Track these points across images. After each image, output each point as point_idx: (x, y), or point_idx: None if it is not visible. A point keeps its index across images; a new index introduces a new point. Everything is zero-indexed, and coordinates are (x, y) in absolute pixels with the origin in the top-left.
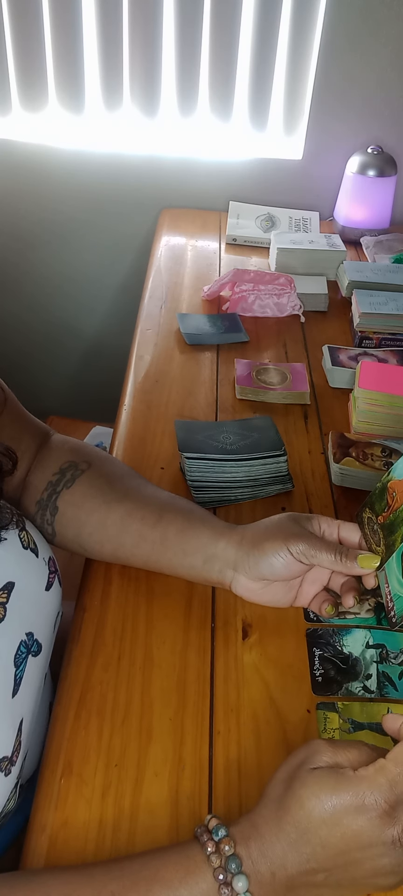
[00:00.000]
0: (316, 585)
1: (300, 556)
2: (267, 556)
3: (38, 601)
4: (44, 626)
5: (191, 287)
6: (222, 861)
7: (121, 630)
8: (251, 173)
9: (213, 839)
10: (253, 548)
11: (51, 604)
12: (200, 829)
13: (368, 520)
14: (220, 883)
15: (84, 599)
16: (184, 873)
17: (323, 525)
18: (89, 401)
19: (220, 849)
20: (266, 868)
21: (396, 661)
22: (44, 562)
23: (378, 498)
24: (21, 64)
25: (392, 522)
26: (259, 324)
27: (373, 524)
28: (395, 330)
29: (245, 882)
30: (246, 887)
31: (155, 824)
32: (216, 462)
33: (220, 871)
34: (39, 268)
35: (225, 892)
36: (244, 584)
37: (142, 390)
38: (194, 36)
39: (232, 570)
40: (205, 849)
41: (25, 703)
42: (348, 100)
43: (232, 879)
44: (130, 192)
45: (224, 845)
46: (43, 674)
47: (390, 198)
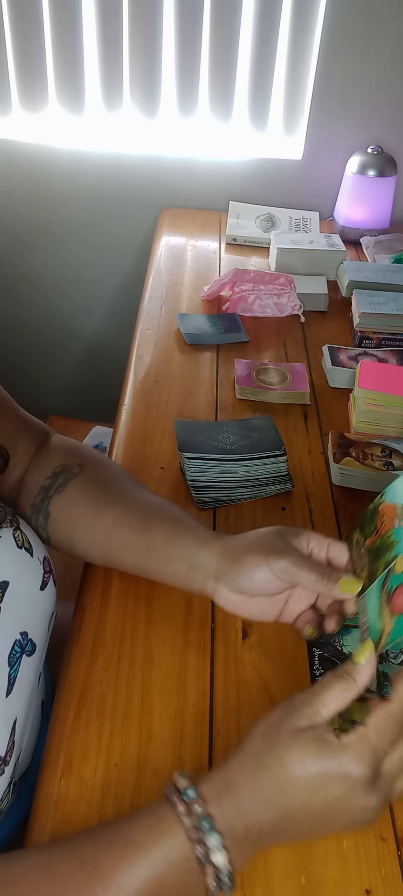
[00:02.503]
0: (302, 603)
1: (280, 574)
2: (246, 569)
3: (33, 601)
4: (38, 625)
5: (191, 287)
6: (194, 821)
7: (121, 630)
8: (251, 173)
9: (183, 800)
10: (235, 560)
11: (45, 603)
12: (169, 790)
13: (357, 542)
14: (193, 841)
15: (84, 599)
16: (155, 834)
17: (312, 542)
18: (89, 401)
19: (191, 809)
20: (240, 824)
21: (396, 662)
22: (38, 561)
23: (368, 520)
24: (21, 64)
25: (378, 548)
26: (259, 324)
27: (361, 547)
28: (395, 330)
29: (218, 838)
30: (220, 843)
31: None
32: (216, 462)
33: (193, 830)
34: (39, 268)
35: (200, 850)
36: (225, 595)
37: (142, 390)
38: (194, 36)
39: (213, 581)
40: (176, 808)
41: (19, 702)
42: (348, 100)
43: (206, 837)
44: (130, 192)
45: (194, 805)
46: (37, 674)
47: (390, 198)
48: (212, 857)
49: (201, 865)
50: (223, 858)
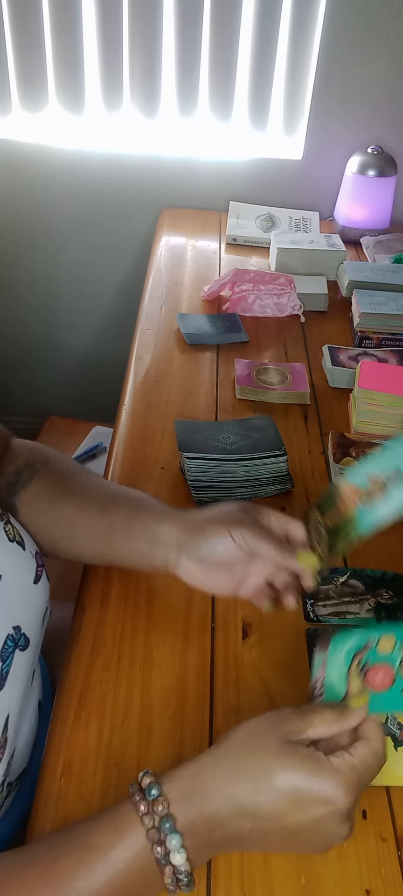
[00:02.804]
0: (259, 578)
1: (241, 543)
2: (208, 539)
3: (26, 594)
4: (32, 620)
5: (191, 287)
6: (155, 821)
7: (121, 630)
8: (251, 173)
9: (146, 799)
10: (197, 530)
11: (39, 598)
12: (133, 789)
13: (316, 521)
14: (153, 842)
15: (84, 599)
16: (115, 837)
17: (272, 519)
18: (89, 401)
19: (154, 809)
20: (202, 823)
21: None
22: (31, 555)
23: (328, 501)
24: (21, 64)
25: (338, 526)
26: (259, 324)
27: (319, 526)
28: (395, 330)
29: (178, 839)
30: (179, 843)
31: None
32: (216, 462)
33: (153, 831)
34: (39, 268)
35: (159, 850)
36: (186, 566)
37: (142, 390)
38: (194, 36)
39: (175, 553)
40: (138, 809)
41: (12, 698)
42: (348, 100)
43: (166, 838)
44: (130, 192)
45: (157, 805)
46: (31, 669)
47: (390, 198)
48: (172, 857)
49: (159, 866)
50: (182, 858)
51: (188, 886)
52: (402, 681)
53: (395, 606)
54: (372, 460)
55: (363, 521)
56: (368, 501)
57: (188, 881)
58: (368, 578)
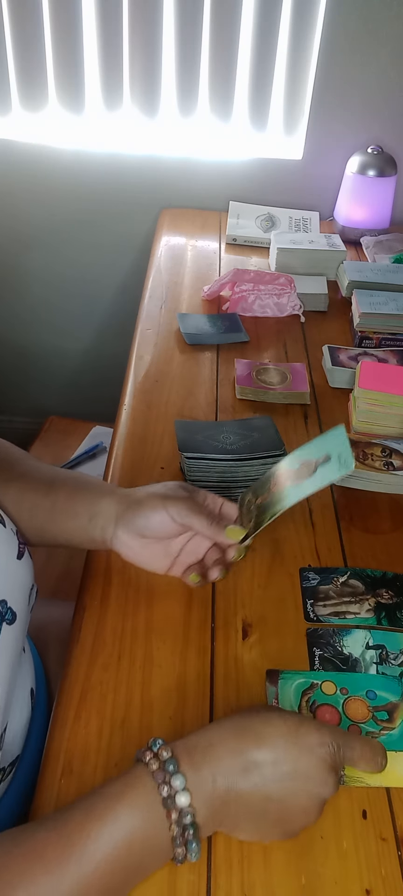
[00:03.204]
0: (191, 557)
1: (175, 516)
2: (144, 511)
3: (9, 569)
4: (17, 594)
5: (191, 287)
6: (160, 763)
7: (121, 630)
8: (251, 173)
9: (151, 749)
10: (134, 503)
11: (23, 573)
12: (140, 750)
13: (248, 502)
14: (158, 782)
15: (84, 599)
16: (122, 786)
17: (208, 499)
18: (89, 401)
19: (158, 754)
20: (206, 771)
21: (396, 662)
22: (12, 532)
23: (262, 484)
24: (21, 64)
25: (267, 503)
26: (259, 324)
27: (251, 505)
28: (395, 330)
29: (182, 780)
30: (183, 784)
31: None
32: (216, 462)
33: (159, 772)
34: (39, 268)
35: (164, 789)
36: (122, 539)
37: (142, 390)
38: (194, 36)
39: (113, 525)
40: (144, 757)
41: (1, 670)
42: (348, 100)
43: (170, 778)
44: (130, 192)
45: (161, 751)
46: (19, 645)
47: (390, 198)
48: (176, 798)
49: (165, 808)
50: (186, 800)
51: (194, 843)
52: (347, 721)
53: (395, 606)
54: (307, 447)
55: (289, 496)
56: (297, 481)
57: (194, 833)
58: (368, 578)
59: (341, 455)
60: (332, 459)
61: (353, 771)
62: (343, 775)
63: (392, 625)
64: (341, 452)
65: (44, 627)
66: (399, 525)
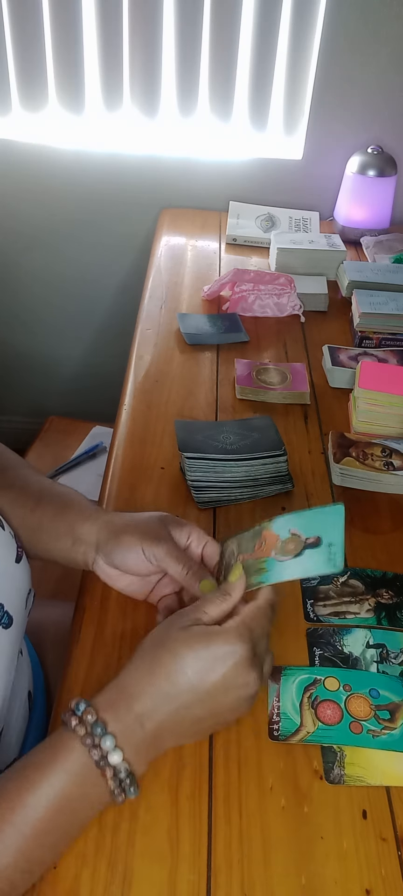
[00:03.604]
0: (169, 588)
1: (151, 558)
2: (121, 548)
3: (7, 572)
4: (14, 598)
5: (191, 287)
6: (87, 728)
7: (121, 630)
8: (251, 173)
9: (76, 714)
10: (113, 536)
11: (21, 577)
12: (64, 714)
13: (230, 551)
14: (89, 747)
15: (84, 599)
16: (54, 752)
17: (192, 536)
18: (89, 401)
19: (84, 719)
20: (135, 722)
21: (396, 661)
22: (10, 535)
23: (248, 538)
24: (21, 64)
25: (249, 566)
26: (259, 324)
27: (232, 557)
28: (395, 330)
29: (112, 740)
30: (113, 744)
31: (154, 824)
32: (216, 462)
33: (87, 737)
34: (39, 268)
35: (95, 753)
36: (102, 567)
37: (142, 390)
38: (194, 36)
39: (94, 552)
40: (70, 724)
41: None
42: (348, 100)
43: (100, 741)
44: (130, 192)
45: (86, 715)
46: (15, 649)
47: (390, 198)
48: (109, 758)
49: (99, 769)
50: (118, 758)
51: (132, 787)
52: (349, 717)
53: (395, 606)
54: (302, 516)
55: (269, 568)
56: (281, 552)
57: (131, 781)
58: (368, 578)
59: (332, 546)
60: (322, 546)
61: (353, 770)
62: (344, 775)
63: (392, 625)
64: (333, 542)
65: (42, 629)
66: (399, 525)
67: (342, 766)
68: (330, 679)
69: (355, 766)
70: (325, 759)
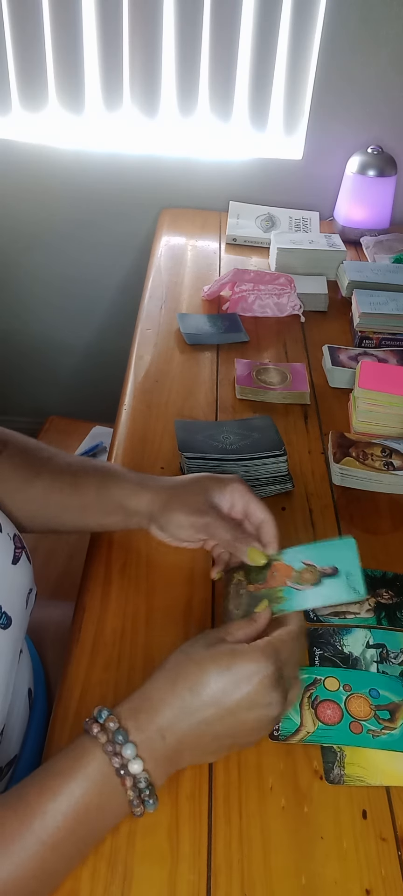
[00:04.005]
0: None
1: (199, 532)
2: (172, 525)
3: (5, 574)
4: (13, 599)
5: (191, 287)
6: (109, 736)
7: (121, 630)
8: (251, 173)
9: (98, 722)
10: (164, 511)
11: (19, 578)
12: (87, 722)
13: (237, 581)
14: (110, 754)
15: (84, 599)
16: (74, 759)
17: (235, 496)
18: (89, 401)
19: (106, 726)
20: (156, 733)
21: (396, 661)
22: (8, 537)
23: (256, 569)
24: (21, 64)
25: (261, 595)
26: (259, 324)
27: (241, 588)
28: (395, 330)
29: (133, 748)
30: (134, 752)
31: (154, 824)
32: (216, 462)
33: (108, 744)
34: (39, 268)
35: (116, 761)
36: (156, 532)
37: (142, 390)
38: (194, 36)
39: (147, 521)
40: (92, 731)
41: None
42: (348, 100)
43: (121, 749)
44: (130, 192)
45: (108, 723)
46: (15, 648)
47: (390, 198)
48: (130, 767)
49: (120, 777)
50: (139, 767)
51: (151, 799)
52: (349, 717)
53: (395, 606)
54: (312, 549)
55: (288, 597)
56: (297, 581)
57: (150, 793)
58: (368, 578)
59: (350, 575)
60: (340, 576)
61: (353, 770)
62: (344, 775)
63: (392, 625)
64: (350, 572)
65: (43, 628)
66: (399, 525)
67: (342, 766)
68: (330, 679)
69: (355, 766)
70: (325, 759)
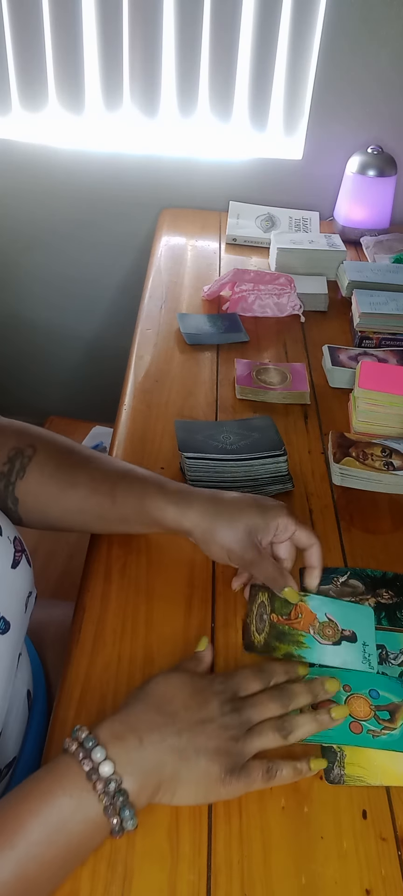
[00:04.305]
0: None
1: (242, 567)
2: (211, 553)
3: (4, 578)
4: (12, 604)
5: (191, 287)
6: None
7: (121, 630)
8: (251, 173)
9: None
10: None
11: (18, 582)
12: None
13: (261, 603)
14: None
15: (84, 599)
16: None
17: (279, 530)
18: (89, 401)
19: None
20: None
21: (396, 662)
22: (8, 540)
23: (282, 601)
24: (21, 64)
25: (284, 632)
26: (259, 324)
27: (265, 612)
28: (395, 330)
29: (102, 752)
30: (103, 755)
31: (154, 825)
32: (216, 462)
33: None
34: (39, 268)
35: (86, 763)
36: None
37: (142, 390)
38: (194, 36)
39: (190, 536)
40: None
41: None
42: (348, 100)
43: (91, 752)
44: (130, 192)
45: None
46: (14, 653)
47: (390, 198)
48: (100, 769)
49: (90, 782)
50: (109, 768)
51: (127, 809)
52: (349, 717)
53: (395, 606)
54: (333, 604)
55: (310, 646)
56: (320, 633)
57: (124, 799)
58: (368, 578)
59: (366, 647)
60: (358, 643)
61: (353, 770)
62: (344, 775)
63: (392, 625)
64: (367, 642)
65: (43, 628)
66: (399, 525)
67: (342, 766)
68: (330, 680)
69: (355, 766)
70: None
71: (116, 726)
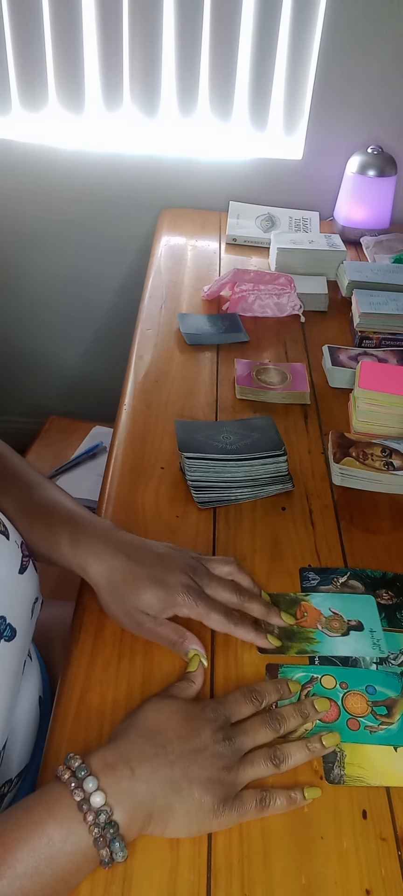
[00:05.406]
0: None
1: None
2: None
3: (10, 584)
4: (18, 610)
5: (191, 287)
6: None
7: (121, 630)
8: (251, 173)
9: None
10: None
11: (26, 588)
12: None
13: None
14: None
15: (84, 599)
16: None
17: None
18: (89, 401)
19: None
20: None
21: (396, 662)
22: (16, 545)
23: (287, 600)
24: (21, 64)
25: (293, 632)
26: (259, 324)
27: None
28: (395, 330)
29: (94, 782)
30: (95, 786)
31: None
32: (216, 462)
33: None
34: (39, 268)
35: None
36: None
37: (142, 390)
38: (194, 36)
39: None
40: (56, 772)
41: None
42: (348, 99)
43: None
44: (130, 192)
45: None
46: (20, 660)
47: (390, 198)
48: (91, 800)
49: (81, 813)
50: (100, 799)
51: (117, 841)
52: (346, 714)
53: (395, 607)
54: (337, 598)
55: (321, 640)
56: (327, 627)
57: (114, 831)
58: (368, 578)
59: (374, 633)
60: (365, 632)
61: (353, 770)
62: (344, 775)
63: (391, 625)
64: (373, 628)
65: (47, 629)
66: (399, 525)
67: (342, 766)
68: (327, 677)
69: (355, 766)
70: (325, 759)
71: (109, 756)
